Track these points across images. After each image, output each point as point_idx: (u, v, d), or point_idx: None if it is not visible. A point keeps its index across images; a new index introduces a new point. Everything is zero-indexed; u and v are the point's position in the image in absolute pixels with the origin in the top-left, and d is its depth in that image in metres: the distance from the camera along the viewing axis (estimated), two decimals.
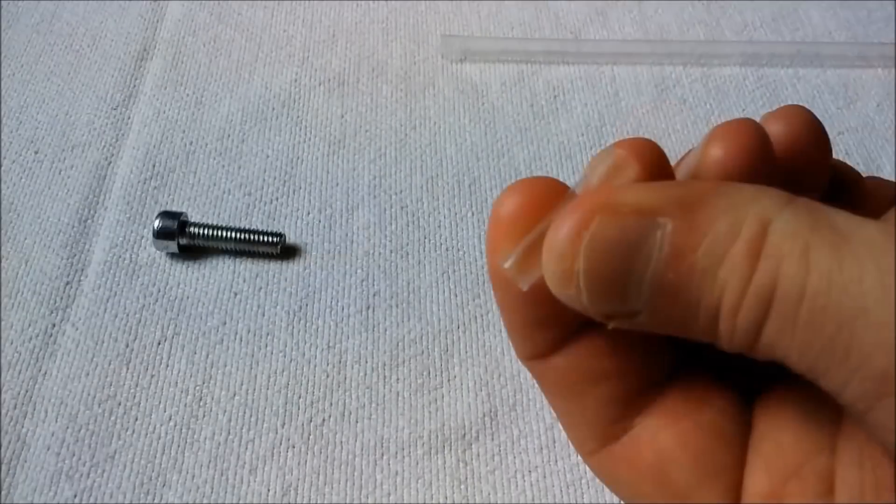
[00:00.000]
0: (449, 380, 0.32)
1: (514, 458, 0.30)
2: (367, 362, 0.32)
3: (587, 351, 0.18)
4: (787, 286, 0.14)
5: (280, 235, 0.35)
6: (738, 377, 0.19)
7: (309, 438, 0.30)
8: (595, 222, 0.15)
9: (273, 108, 0.41)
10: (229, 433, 0.30)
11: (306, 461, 0.29)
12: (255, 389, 0.31)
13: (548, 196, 0.17)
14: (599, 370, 0.18)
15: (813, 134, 0.18)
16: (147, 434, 0.30)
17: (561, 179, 0.18)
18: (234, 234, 0.34)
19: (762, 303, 0.15)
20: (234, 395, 0.31)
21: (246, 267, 0.35)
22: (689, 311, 0.16)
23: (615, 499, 0.29)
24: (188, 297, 0.34)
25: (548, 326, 0.18)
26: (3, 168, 0.38)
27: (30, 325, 0.33)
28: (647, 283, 0.16)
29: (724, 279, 0.15)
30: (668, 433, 0.18)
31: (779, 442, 0.18)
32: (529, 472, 0.29)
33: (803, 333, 0.14)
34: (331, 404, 0.31)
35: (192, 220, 0.35)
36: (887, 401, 0.14)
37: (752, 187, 0.16)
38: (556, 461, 0.29)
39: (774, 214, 0.15)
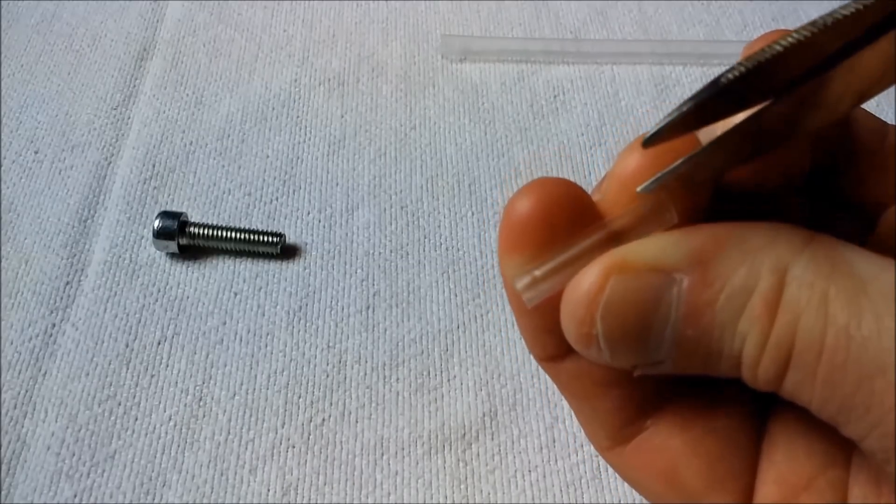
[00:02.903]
0: (449, 380, 0.32)
1: (514, 457, 0.30)
2: (367, 362, 0.32)
3: None
4: (806, 341, 0.14)
5: (280, 235, 0.35)
6: None
7: (309, 438, 0.30)
8: (610, 284, 0.15)
9: (273, 108, 0.41)
10: (229, 433, 0.30)
11: (306, 461, 0.29)
12: (255, 389, 0.31)
13: (564, 200, 0.17)
14: (610, 375, 0.18)
15: None
16: (147, 434, 0.30)
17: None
18: (234, 234, 0.34)
19: (781, 357, 0.15)
20: (234, 395, 0.31)
21: (246, 267, 0.35)
22: (711, 360, 0.16)
23: (615, 499, 0.29)
24: (188, 297, 0.34)
25: (559, 332, 0.18)
26: (3, 168, 0.38)
27: (30, 325, 0.33)
28: (667, 339, 0.16)
29: (743, 333, 0.15)
30: (679, 438, 0.18)
31: (792, 452, 0.18)
32: (529, 471, 0.29)
33: (822, 388, 0.14)
34: (331, 404, 0.31)
35: (192, 220, 0.35)
36: None
37: (768, 230, 0.15)
38: (556, 461, 0.29)
39: (791, 260, 0.15)
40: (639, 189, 0.16)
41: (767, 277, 0.15)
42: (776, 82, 0.15)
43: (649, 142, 0.15)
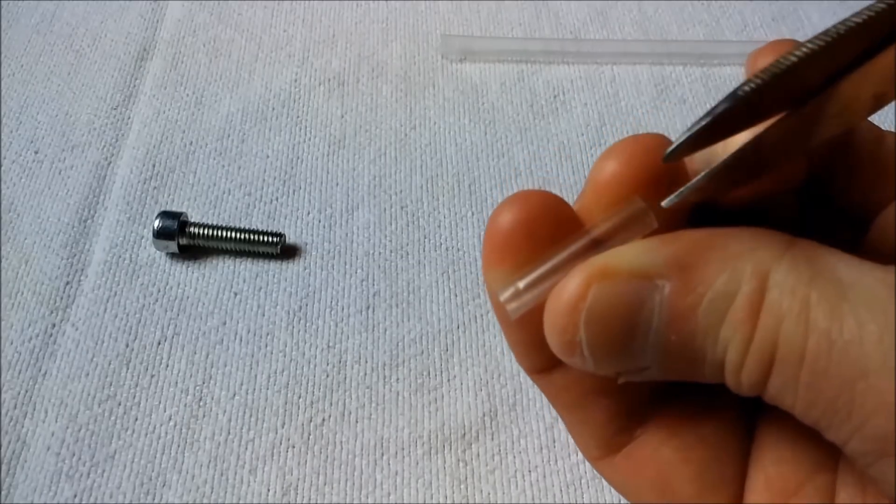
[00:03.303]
0: (449, 380, 0.32)
1: (514, 457, 0.30)
2: (367, 362, 0.32)
3: None
4: (788, 347, 0.14)
5: (280, 235, 0.35)
6: None
7: (309, 438, 0.30)
8: (592, 292, 0.15)
9: (273, 108, 0.41)
10: (229, 433, 0.30)
11: (306, 461, 0.29)
12: (255, 389, 0.31)
13: (545, 212, 0.17)
14: (599, 386, 0.18)
15: None
16: (147, 434, 0.30)
17: (561, 179, 0.18)
18: (234, 234, 0.34)
19: (764, 363, 0.15)
20: (234, 395, 0.31)
21: (246, 267, 0.35)
22: (695, 366, 0.16)
23: (615, 499, 0.29)
24: (188, 297, 0.34)
25: (546, 344, 0.18)
26: (3, 168, 0.38)
27: (30, 325, 0.33)
28: (651, 345, 0.16)
29: (725, 339, 0.15)
30: (669, 446, 0.18)
31: (781, 457, 0.18)
32: (529, 471, 0.29)
33: (805, 393, 0.14)
34: (331, 404, 0.31)
35: (192, 220, 0.35)
36: (888, 460, 0.14)
37: (749, 235, 0.15)
38: (556, 461, 0.29)
39: (772, 265, 0.15)
40: (662, 203, 0.16)
41: (749, 282, 0.15)
42: (792, 93, 0.15)
43: (670, 157, 0.15)
